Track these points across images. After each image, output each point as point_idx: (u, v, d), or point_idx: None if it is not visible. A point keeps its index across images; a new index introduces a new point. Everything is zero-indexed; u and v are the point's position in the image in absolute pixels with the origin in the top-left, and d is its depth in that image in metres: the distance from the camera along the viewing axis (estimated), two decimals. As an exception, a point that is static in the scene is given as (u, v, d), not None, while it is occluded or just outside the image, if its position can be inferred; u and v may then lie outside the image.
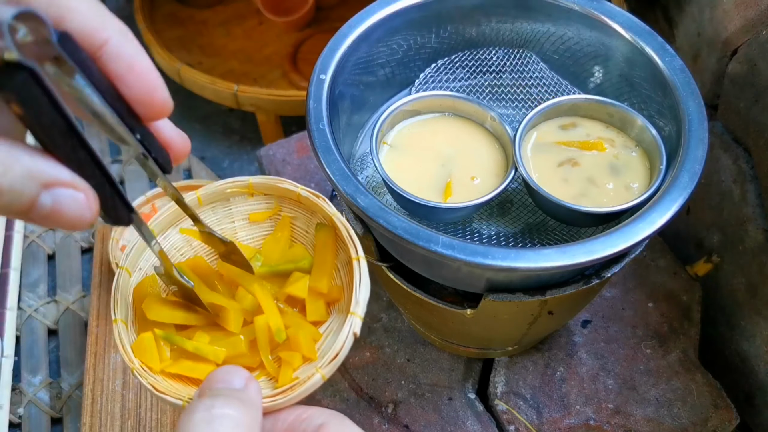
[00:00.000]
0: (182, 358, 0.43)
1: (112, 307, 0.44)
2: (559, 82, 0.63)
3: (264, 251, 0.48)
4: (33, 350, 0.87)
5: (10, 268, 0.92)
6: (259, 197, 0.50)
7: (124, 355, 0.42)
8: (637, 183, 0.54)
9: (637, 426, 0.69)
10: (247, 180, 0.48)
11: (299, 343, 0.43)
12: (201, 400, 0.32)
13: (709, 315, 0.79)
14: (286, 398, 0.39)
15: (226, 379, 0.34)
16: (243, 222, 0.50)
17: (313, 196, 0.46)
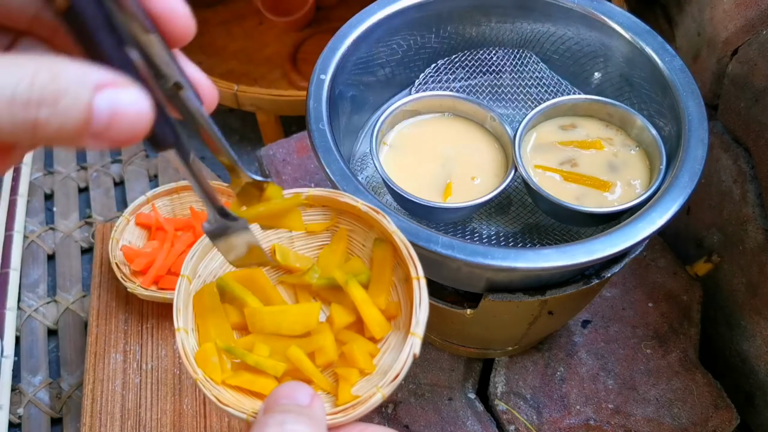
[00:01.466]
0: (242, 370, 0.43)
1: (175, 315, 0.43)
2: (559, 82, 0.63)
3: (320, 262, 0.48)
4: (33, 350, 0.87)
5: (10, 268, 0.92)
6: (316, 209, 0.49)
7: (188, 366, 0.41)
8: (637, 180, 0.54)
9: (637, 426, 0.69)
10: (307, 191, 0.47)
11: (355, 358, 0.43)
12: (271, 415, 0.32)
13: (709, 315, 0.79)
14: (346, 417, 0.39)
15: (291, 395, 0.34)
16: (300, 233, 0.50)
17: (372, 211, 0.46)
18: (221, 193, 0.89)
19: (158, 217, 0.86)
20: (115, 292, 0.84)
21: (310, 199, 0.48)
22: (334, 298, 0.47)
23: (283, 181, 0.92)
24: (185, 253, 0.83)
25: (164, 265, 0.82)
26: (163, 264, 0.82)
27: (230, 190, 0.53)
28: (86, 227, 1.00)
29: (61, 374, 0.85)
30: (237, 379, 0.43)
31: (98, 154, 1.11)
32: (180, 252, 0.83)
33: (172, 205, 0.89)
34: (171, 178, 1.04)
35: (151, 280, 0.80)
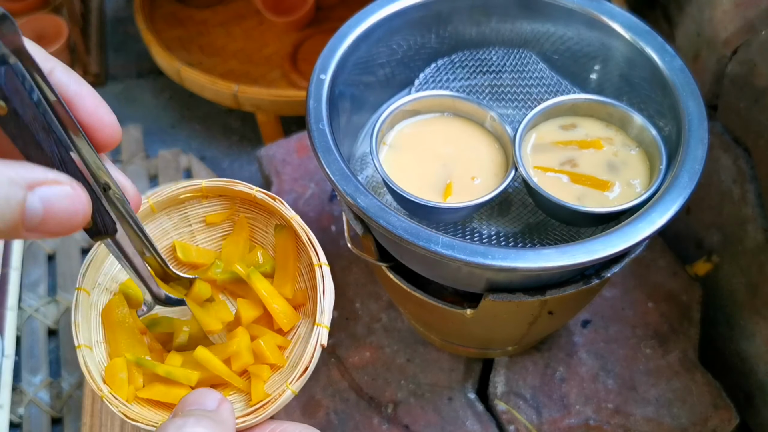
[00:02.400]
0: (155, 382, 0.42)
1: (74, 331, 0.42)
2: (559, 82, 0.63)
3: (224, 255, 0.47)
4: (33, 350, 0.87)
5: (10, 268, 0.92)
6: (213, 199, 0.48)
7: (92, 382, 0.41)
8: (637, 179, 0.54)
9: (637, 426, 0.69)
10: (200, 183, 0.47)
11: (265, 354, 0.42)
12: (173, 420, 0.32)
13: (709, 315, 0.79)
14: (258, 417, 0.39)
15: (198, 401, 0.34)
16: (200, 225, 0.49)
17: (268, 197, 0.45)
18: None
19: None
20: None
21: (204, 191, 0.47)
22: (241, 291, 0.46)
23: (282, 181, 0.92)
24: None
25: None
26: None
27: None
28: (86, 227, 1.00)
29: (62, 374, 0.85)
30: (149, 391, 0.42)
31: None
32: None
33: None
34: (170, 177, 1.04)
35: None
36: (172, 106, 1.24)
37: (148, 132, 1.18)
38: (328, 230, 0.87)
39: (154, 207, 0.47)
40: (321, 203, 0.89)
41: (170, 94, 1.26)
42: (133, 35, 1.34)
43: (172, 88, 1.25)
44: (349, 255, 0.84)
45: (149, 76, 1.29)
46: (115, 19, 1.39)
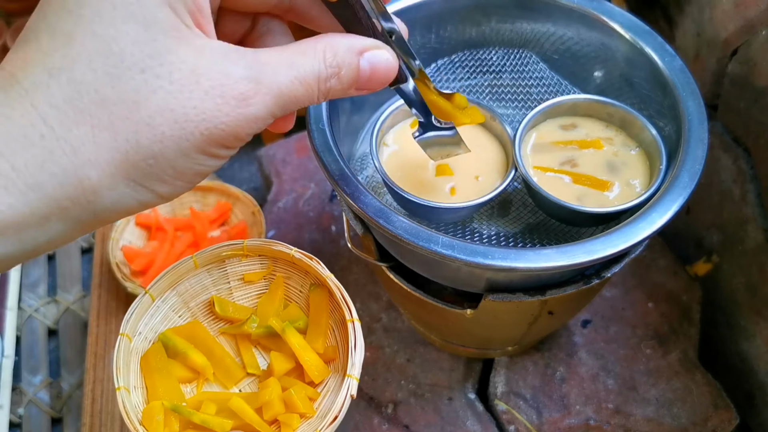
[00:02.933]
0: (190, 429, 0.45)
1: (115, 374, 0.45)
2: (559, 82, 0.63)
3: (259, 311, 0.50)
4: (33, 350, 0.87)
5: (10, 268, 0.92)
6: (253, 258, 0.52)
7: (129, 423, 0.43)
8: (637, 179, 0.54)
9: (637, 426, 0.69)
10: (242, 242, 0.50)
11: (295, 404, 0.45)
12: None
13: (709, 315, 0.79)
14: None
15: None
16: (238, 282, 0.52)
17: (306, 257, 0.48)
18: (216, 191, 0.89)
19: (158, 217, 0.86)
20: (115, 292, 0.84)
21: (245, 249, 0.51)
22: (273, 346, 0.49)
23: (283, 181, 0.92)
24: (185, 253, 0.83)
25: (164, 265, 0.81)
26: (162, 264, 0.81)
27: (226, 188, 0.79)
28: (86, 227, 1.00)
29: (62, 374, 0.85)
30: None
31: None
32: (180, 252, 0.83)
33: (171, 205, 0.89)
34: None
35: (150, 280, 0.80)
36: (172, 106, 1.24)
37: (148, 132, 1.18)
38: (328, 230, 0.87)
39: (197, 263, 0.50)
40: (321, 203, 0.89)
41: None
42: (133, 35, 1.34)
43: (172, 88, 1.25)
44: (349, 255, 0.84)
45: (149, 76, 1.29)
46: (115, 19, 1.39)
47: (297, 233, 0.87)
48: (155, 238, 0.85)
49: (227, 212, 0.88)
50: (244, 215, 0.87)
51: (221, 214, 0.87)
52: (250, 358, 0.50)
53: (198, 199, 0.89)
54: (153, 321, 0.50)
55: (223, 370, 0.49)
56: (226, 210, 0.88)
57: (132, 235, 0.86)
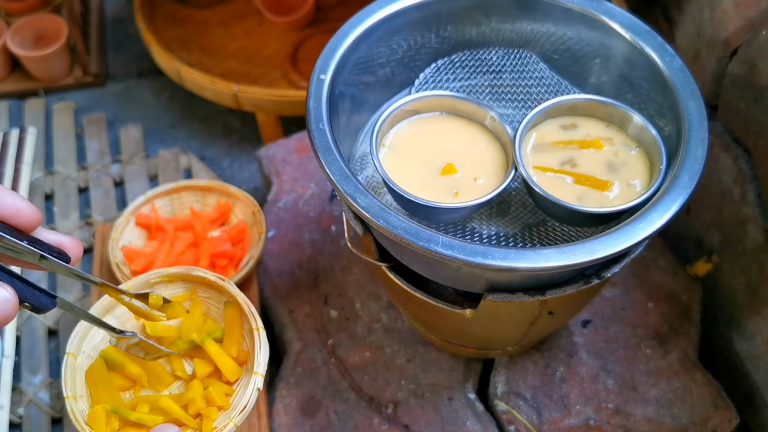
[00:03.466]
0: (128, 426, 0.55)
1: (63, 386, 0.56)
2: (559, 82, 0.63)
3: (183, 328, 0.59)
4: (33, 350, 0.87)
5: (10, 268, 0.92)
6: (177, 283, 0.63)
7: (76, 424, 0.54)
8: (637, 179, 0.54)
9: (637, 426, 0.70)
10: (167, 271, 0.62)
11: (214, 399, 0.55)
12: None
13: (709, 315, 0.79)
14: None
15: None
16: None
17: (219, 280, 0.61)
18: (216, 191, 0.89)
19: (158, 217, 0.86)
20: (115, 292, 0.84)
21: (170, 276, 0.62)
22: (196, 354, 0.59)
23: (283, 181, 0.92)
24: (185, 253, 0.83)
25: (164, 265, 0.81)
26: (162, 264, 0.81)
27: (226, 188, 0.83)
28: (86, 227, 1.00)
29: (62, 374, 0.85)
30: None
31: (98, 154, 1.11)
32: (180, 252, 0.83)
33: (171, 204, 0.89)
34: (170, 177, 1.04)
35: None
36: (172, 106, 1.24)
37: (148, 132, 1.18)
38: (328, 230, 0.87)
39: (129, 288, 0.60)
40: (321, 203, 0.89)
41: (170, 94, 1.26)
42: (133, 35, 1.34)
43: (172, 88, 1.25)
44: (349, 255, 0.84)
45: (149, 76, 1.29)
46: (115, 19, 1.39)
47: (297, 233, 0.87)
48: (155, 238, 0.85)
49: (227, 212, 0.87)
50: (244, 215, 0.86)
51: (221, 214, 0.87)
52: (179, 365, 0.60)
53: (198, 199, 0.89)
54: (94, 341, 0.61)
55: (155, 377, 0.59)
56: (226, 210, 0.87)
57: (132, 235, 0.86)
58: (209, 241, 0.84)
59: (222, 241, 0.83)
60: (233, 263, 0.82)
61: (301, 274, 0.83)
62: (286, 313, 0.80)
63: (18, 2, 1.24)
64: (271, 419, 0.73)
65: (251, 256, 0.81)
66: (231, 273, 0.81)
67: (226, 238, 0.84)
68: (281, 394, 0.74)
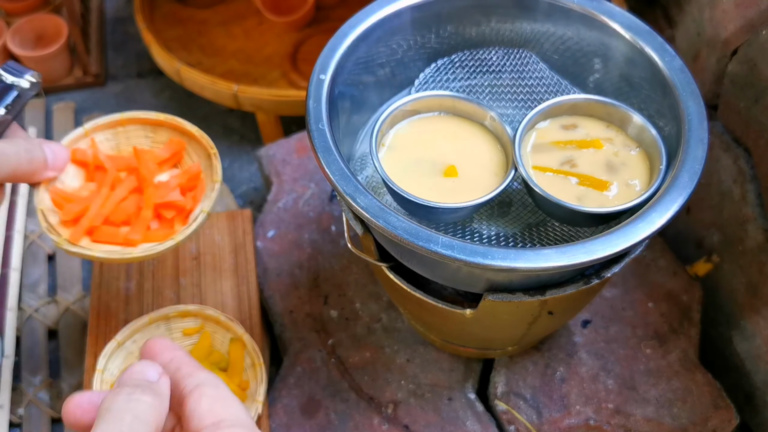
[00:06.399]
0: None
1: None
2: (559, 82, 0.63)
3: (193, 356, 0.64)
4: (33, 350, 0.87)
5: (10, 268, 0.92)
6: (190, 318, 0.73)
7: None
8: (636, 179, 0.54)
9: (637, 426, 0.70)
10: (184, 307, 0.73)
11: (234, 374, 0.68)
12: (123, 387, 0.38)
13: (709, 315, 0.79)
14: None
15: (143, 371, 0.40)
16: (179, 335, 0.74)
17: (228, 319, 0.71)
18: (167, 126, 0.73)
19: (97, 153, 0.67)
20: (115, 292, 0.84)
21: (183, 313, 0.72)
22: None
23: (283, 181, 0.92)
24: (127, 199, 0.66)
25: (100, 213, 0.64)
26: (98, 212, 0.64)
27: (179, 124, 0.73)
28: (86, 227, 1.00)
29: (62, 374, 0.85)
30: None
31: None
32: (122, 198, 0.66)
33: (116, 139, 0.70)
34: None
35: (82, 231, 0.63)
36: (172, 106, 1.24)
37: (148, 132, 1.18)
38: (328, 230, 0.87)
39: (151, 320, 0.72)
40: (321, 203, 0.89)
41: (170, 94, 1.25)
42: (133, 35, 1.34)
43: (172, 88, 1.25)
44: (349, 255, 0.84)
45: (149, 76, 1.29)
46: (115, 19, 1.39)
47: (297, 233, 0.87)
48: (93, 179, 0.67)
49: (180, 152, 0.71)
50: (199, 157, 0.70)
51: (173, 154, 0.70)
52: None
53: (147, 134, 0.71)
54: (117, 360, 0.71)
55: None
56: (179, 149, 0.70)
57: (67, 175, 0.66)
58: (156, 187, 0.67)
59: (170, 189, 0.67)
60: (182, 215, 0.67)
61: (301, 274, 0.83)
62: (286, 313, 0.80)
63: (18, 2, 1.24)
64: (270, 419, 0.73)
65: (202, 209, 0.66)
66: (178, 226, 0.66)
67: (175, 184, 0.67)
68: (281, 394, 0.74)
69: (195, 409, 0.39)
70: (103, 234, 0.64)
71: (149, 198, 0.66)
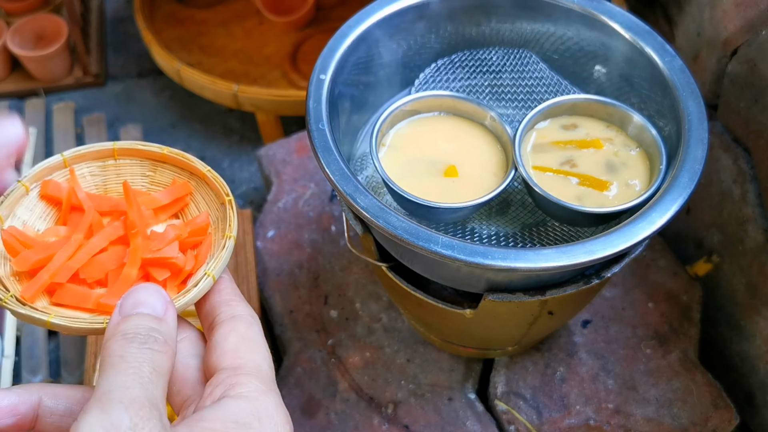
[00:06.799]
0: None
1: None
2: (559, 82, 0.63)
3: None
4: (33, 350, 0.87)
5: (10, 268, 0.92)
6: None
7: None
8: (636, 179, 0.54)
9: (637, 426, 0.69)
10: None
11: None
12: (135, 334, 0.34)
13: (709, 315, 0.79)
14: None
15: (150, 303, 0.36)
16: None
17: None
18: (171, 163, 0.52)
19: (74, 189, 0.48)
20: (115, 292, 0.84)
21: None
22: None
23: (283, 181, 0.92)
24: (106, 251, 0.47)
25: (67, 266, 0.44)
26: (64, 264, 0.44)
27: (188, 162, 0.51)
28: (86, 227, 1.00)
29: (62, 374, 0.85)
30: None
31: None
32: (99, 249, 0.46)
33: (104, 175, 0.52)
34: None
35: (40, 288, 0.43)
36: (172, 106, 1.24)
37: (148, 132, 1.18)
38: (328, 230, 0.87)
39: None
40: (321, 203, 0.89)
41: (170, 94, 1.26)
42: (133, 35, 1.34)
43: (172, 88, 1.25)
44: (349, 255, 0.84)
45: (149, 76, 1.29)
46: (115, 19, 1.39)
47: (297, 233, 0.87)
48: (66, 221, 0.49)
49: (184, 198, 0.51)
50: (209, 206, 0.50)
51: (176, 200, 0.51)
52: None
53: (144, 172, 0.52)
54: None
55: None
56: (184, 195, 0.51)
57: (30, 212, 0.48)
58: (147, 238, 0.47)
59: (165, 242, 0.47)
60: (178, 279, 0.46)
61: (301, 274, 0.83)
62: (286, 313, 0.80)
63: (18, 2, 1.24)
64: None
65: (206, 272, 0.43)
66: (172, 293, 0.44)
67: (173, 236, 0.47)
68: (281, 394, 0.74)
69: (220, 342, 0.36)
70: (67, 295, 0.45)
71: (136, 251, 0.47)
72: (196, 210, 0.53)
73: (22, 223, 0.49)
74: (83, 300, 0.44)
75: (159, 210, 0.52)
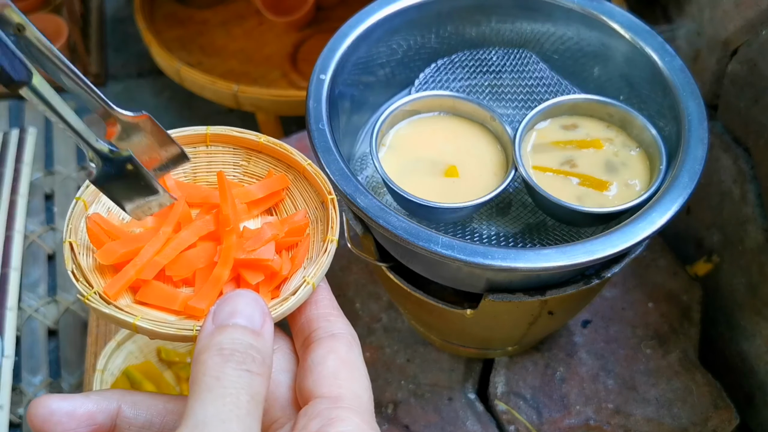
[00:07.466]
0: None
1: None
2: (559, 82, 0.63)
3: None
4: (33, 350, 0.87)
5: (10, 268, 0.92)
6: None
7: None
8: (636, 180, 0.54)
9: (637, 426, 0.69)
10: None
11: None
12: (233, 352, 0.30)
13: (709, 315, 0.79)
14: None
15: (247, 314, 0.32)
16: None
17: None
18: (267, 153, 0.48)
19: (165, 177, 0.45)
20: (116, 292, 0.84)
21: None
22: None
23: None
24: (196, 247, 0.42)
25: (154, 262, 0.40)
26: (152, 260, 0.40)
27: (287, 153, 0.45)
28: (86, 227, 1.00)
29: (62, 374, 0.85)
30: None
31: None
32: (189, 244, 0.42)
33: (194, 162, 0.47)
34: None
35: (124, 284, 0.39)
36: (172, 106, 1.24)
37: (148, 132, 1.18)
38: (328, 230, 0.87)
39: None
40: (321, 203, 0.89)
41: (170, 94, 1.26)
42: (133, 35, 1.34)
43: (172, 88, 1.25)
44: (349, 255, 0.84)
45: (149, 76, 1.29)
46: (115, 19, 1.39)
47: (297, 233, 0.87)
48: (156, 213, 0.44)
49: (280, 192, 0.45)
50: (306, 203, 0.44)
51: (271, 194, 0.45)
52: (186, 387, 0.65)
53: (237, 161, 0.48)
54: (117, 360, 0.73)
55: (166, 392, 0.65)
56: (281, 188, 0.45)
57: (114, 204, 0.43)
58: (241, 236, 0.42)
59: (262, 241, 0.41)
60: (273, 283, 0.41)
61: (301, 274, 0.83)
62: (286, 313, 0.81)
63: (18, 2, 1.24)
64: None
65: (305, 278, 0.39)
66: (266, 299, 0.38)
67: (270, 236, 0.41)
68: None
69: (317, 365, 0.32)
70: (153, 293, 0.41)
71: (229, 250, 0.42)
72: (292, 207, 0.47)
73: (107, 210, 0.44)
74: (170, 300, 0.40)
75: (252, 204, 0.47)
